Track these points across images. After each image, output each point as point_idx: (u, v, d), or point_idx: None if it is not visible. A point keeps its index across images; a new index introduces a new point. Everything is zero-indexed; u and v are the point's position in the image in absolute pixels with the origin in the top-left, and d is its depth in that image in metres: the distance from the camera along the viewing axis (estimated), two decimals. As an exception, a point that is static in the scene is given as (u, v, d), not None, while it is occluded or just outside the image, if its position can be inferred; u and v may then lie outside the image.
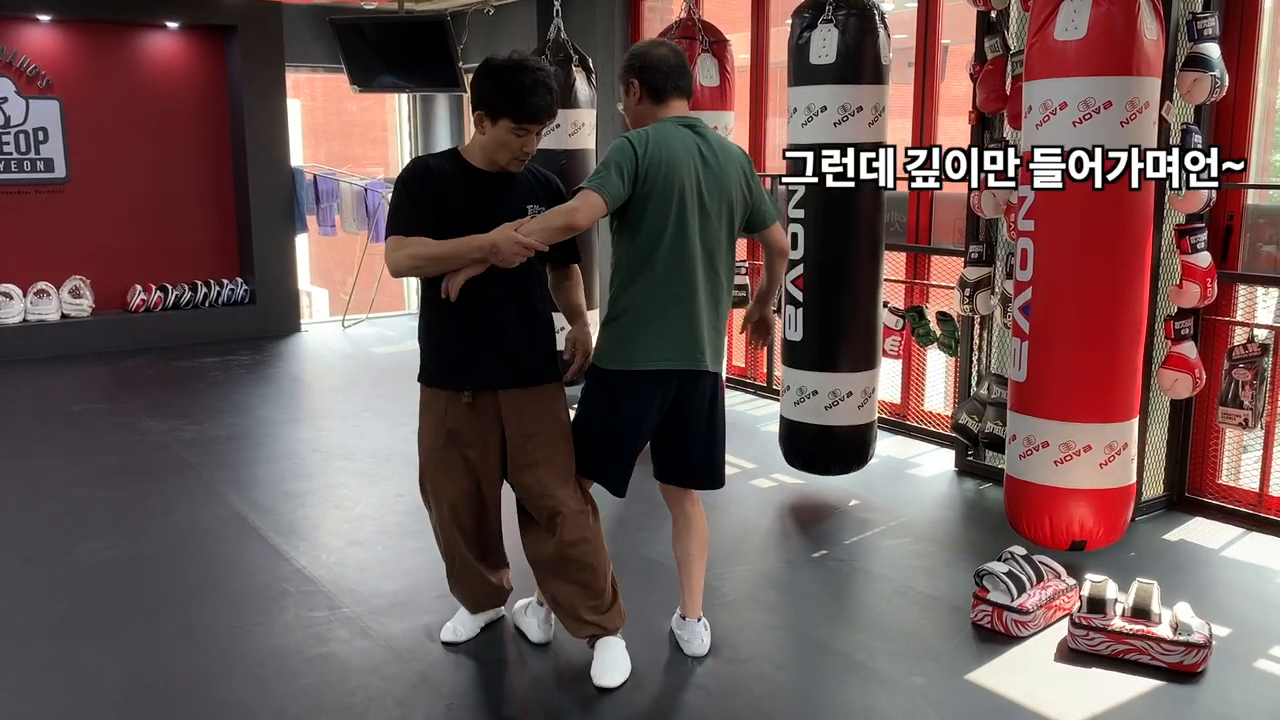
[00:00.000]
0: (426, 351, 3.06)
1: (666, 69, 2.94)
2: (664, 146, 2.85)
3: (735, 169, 2.98)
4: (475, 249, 2.80)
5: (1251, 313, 4.33)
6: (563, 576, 3.04)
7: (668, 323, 2.91)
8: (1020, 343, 3.76)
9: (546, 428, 3.02)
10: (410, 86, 9.10)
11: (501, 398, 3.00)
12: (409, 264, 2.89)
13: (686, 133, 2.92)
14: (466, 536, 3.16)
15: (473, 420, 3.01)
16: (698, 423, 3.07)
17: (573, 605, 3.05)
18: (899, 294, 5.61)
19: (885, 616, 3.58)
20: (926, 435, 5.56)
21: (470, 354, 2.97)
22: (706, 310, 2.96)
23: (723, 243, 2.98)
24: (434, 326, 3.02)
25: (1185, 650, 3.09)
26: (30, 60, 7.75)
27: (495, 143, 2.88)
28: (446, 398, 3.02)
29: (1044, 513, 3.72)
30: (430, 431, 3.09)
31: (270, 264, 8.64)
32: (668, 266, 2.88)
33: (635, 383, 2.95)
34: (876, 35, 4.29)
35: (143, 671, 3.17)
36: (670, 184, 2.84)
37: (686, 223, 2.87)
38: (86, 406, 6.40)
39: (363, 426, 5.93)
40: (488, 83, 2.85)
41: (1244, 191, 4.29)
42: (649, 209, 2.84)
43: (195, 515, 4.49)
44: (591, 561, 3.01)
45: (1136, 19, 3.43)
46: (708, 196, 2.91)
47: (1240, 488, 4.41)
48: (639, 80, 2.96)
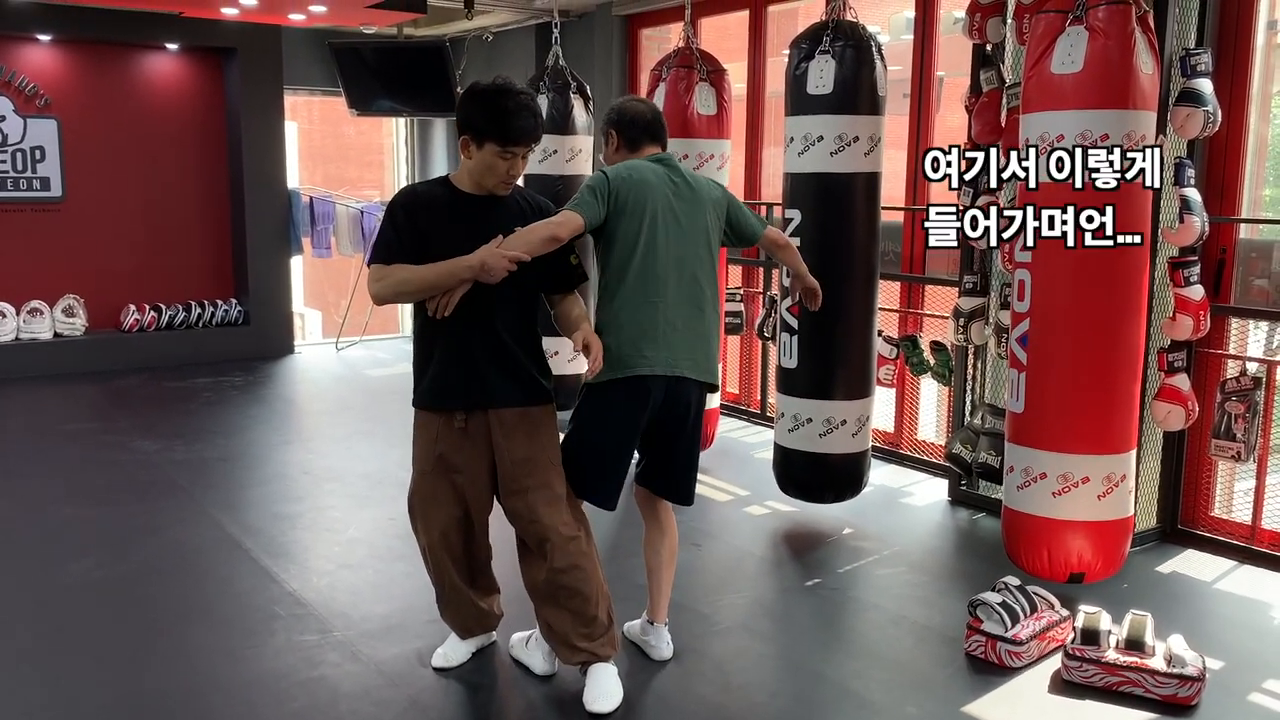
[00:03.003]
0: (419, 373, 3.07)
1: (642, 123, 3.21)
2: (635, 173, 3.08)
3: (706, 195, 3.18)
4: (463, 269, 2.83)
5: (1244, 346, 4.36)
6: (554, 603, 3.03)
7: (643, 330, 3.02)
8: (1018, 374, 3.77)
9: (537, 454, 3.02)
10: (408, 111, 9.14)
11: (493, 421, 2.99)
12: (393, 291, 2.94)
13: (657, 166, 3.15)
14: (455, 562, 3.16)
15: (463, 445, 3.01)
16: (680, 438, 3.15)
17: (564, 632, 3.04)
18: (893, 323, 5.63)
19: (879, 646, 3.57)
20: (920, 464, 5.57)
21: (462, 373, 2.97)
22: (683, 318, 3.06)
23: (702, 258, 3.13)
24: (427, 348, 3.03)
25: (1179, 683, 3.09)
26: (29, 79, 7.77)
27: (482, 166, 2.93)
28: (439, 422, 3.02)
29: (1042, 544, 3.72)
30: (421, 455, 3.10)
31: (265, 285, 8.63)
32: (641, 279, 3.03)
33: (619, 392, 3.02)
34: (873, 66, 4.33)
35: (131, 693, 3.14)
36: (641, 203, 3.03)
37: (657, 238, 3.04)
38: (78, 426, 6.37)
39: (354, 449, 5.91)
40: (472, 107, 2.91)
41: (1236, 226, 4.32)
42: (621, 225, 3.02)
43: (185, 536, 4.46)
44: (582, 588, 3.00)
45: (1133, 53, 3.46)
46: (681, 215, 3.09)
47: (1233, 520, 4.42)
48: (615, 131, 3.24)
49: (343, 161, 15.64)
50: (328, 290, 14.96)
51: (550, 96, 5.79)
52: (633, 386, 3.02)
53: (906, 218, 5.65)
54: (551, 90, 5.81)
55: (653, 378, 3.01)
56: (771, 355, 6.05)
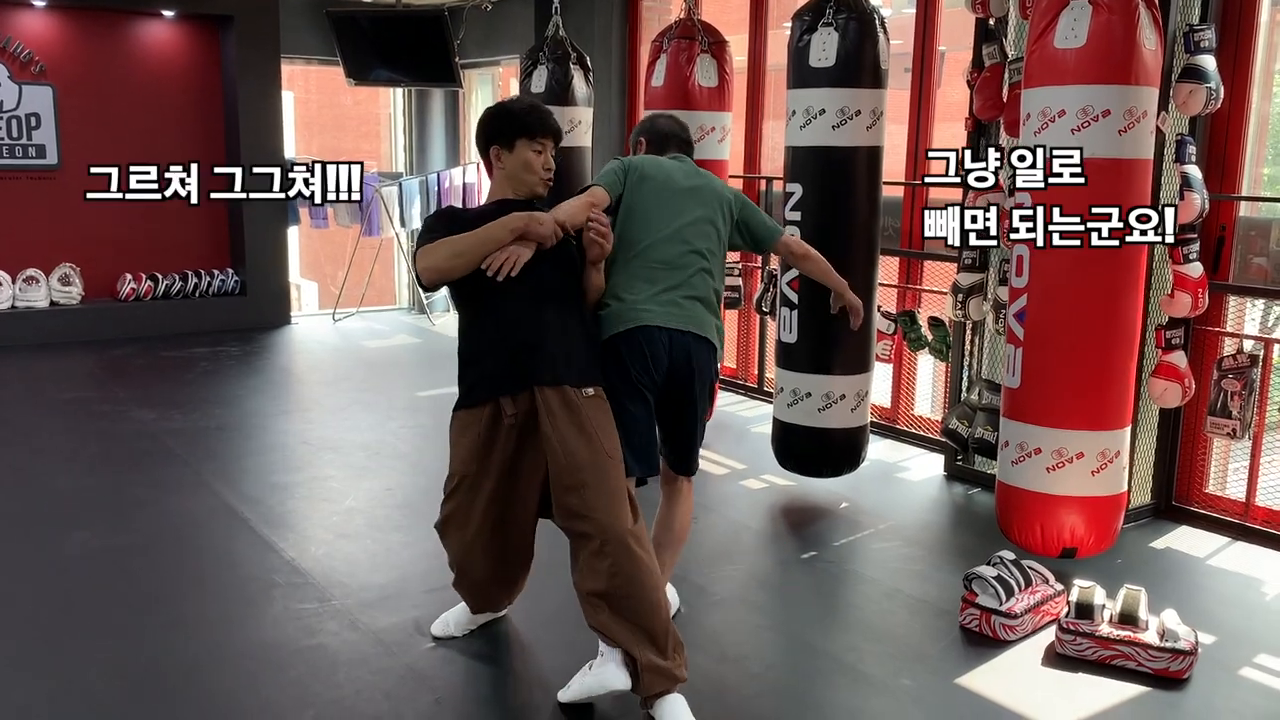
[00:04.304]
0: (466, 366, 2.97)
1: (670, 135, 3.42)
2: (651, 160, 3.28)
3: (718, 189, 3.30)
4: (514, 220, 2.85)
5: (1241, 324, 4.36)
6: (615, 613, 2.79)
7: (649, 295, 3.08)
8: (1015, 349, 3.78)
9: (590, 446, 2.85)
10: (406, 81, 9.09)
11: (542, 409, 2.86)
12: (448, 257, 2.82)
13: (675, 161, 3.33)
14: (485, 552, 3.07)
15: (510, 443, 2.91)
16: (686, 403, 3.17)
17: (629, 648, 2.78)
18: (891, 298, 5.63)
19: (874, 619, 3.59)
20: (916, 439, 5.58)
21: (510, 353, 2.89)
22: (684, 296, 3.11)
23: (709, 235, 3.20)
24: (473, 337, 2.97)
25: (1171, 657, 3.11)
26: (24, 46, 7.71)
27: (520, 165, 3.02)
28: (486, 419, 2.92)
29: (1035, 519, 3.74)
30: (464, 458, 2.97)
31: (261, 255, 8.60)
32: (651, 247, 3.12)
33: (626, 344, 3.05)
34: (876, 40, 4.31)
35: (129, 661, 3.16)
36: (654, 181, 3.19)
37: (665, 210, 3.16)
38: (74, 395, 6.37)
39: (352, 420, 5.92)
40: (492, 122, 3.05)
41: (1236, 204, 4.32)
42: (635, 200, 3.17)
43: (183, 506, 4.47)
44: (649, 595, 2.78)
45: (1136, 29, 3.45)
46: (689, 196, 3.20)
47: (1227, 497, 4.44)
48: (646, 140, 3.44)
49: (339, 132, 15.58)
50: (324, 261, 14.93)
51: (550, 68, 5.76)
52: (637, 337, 3.05)
53: (906, 193, 5.64)
54: (551, 61, 5.78)
55: (656, 328, 3.06)
56: (770, 330, 6.06)
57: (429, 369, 7.49)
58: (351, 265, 9.43)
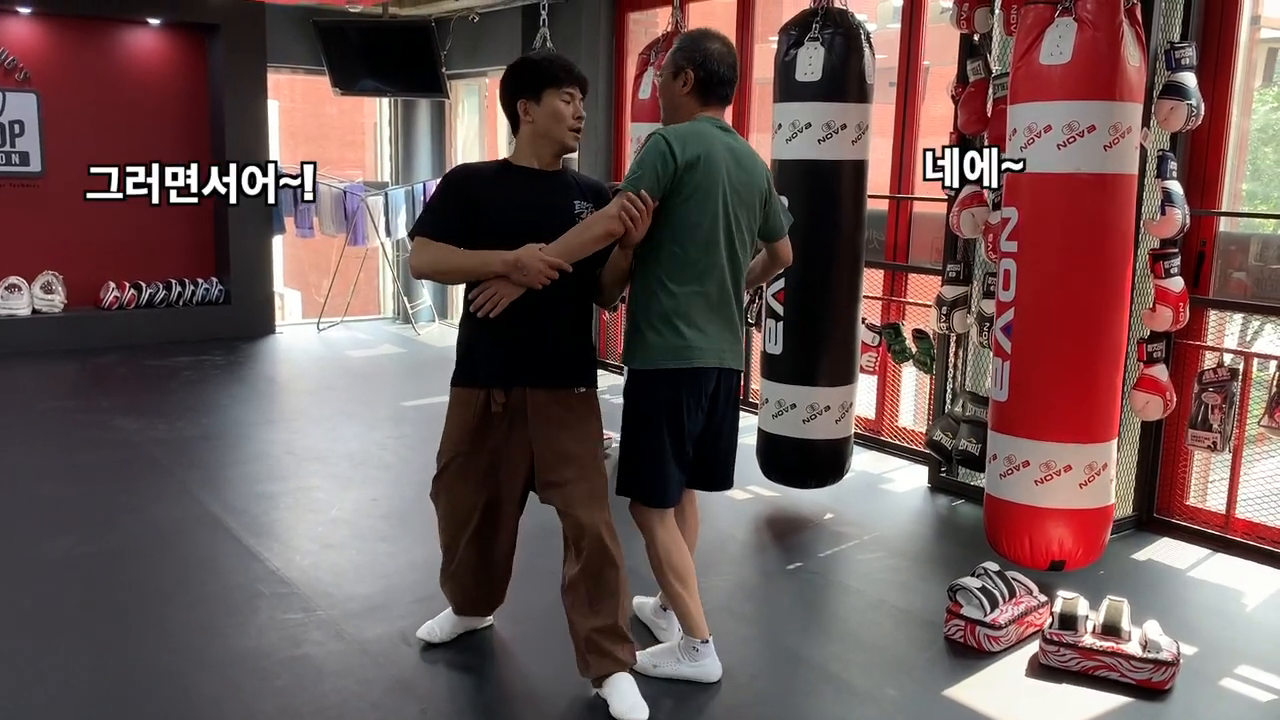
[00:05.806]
0: (464, 347, 3.01)
1: (724, 73, 2.95)
2: (701, 144, 2.83)
3: (760, 178, 3.01)
4: (498, 263, 2.79)
5: (1221, 338, 4.41)
6: (585, 605, 2.92)
7: (713, 319, 2.92)
8: (1002, 362, 3.81)
9: (577, 445, 2.94)
10: (392, 91, 9.10)
11: (531, 406, 2.93)
12: (430, 269, 2.92)
13: (721, 134, 2.92)
14: (473, 538, 3.10)
15: (500, 428, 2.96)
16: (728, 423, 3.09)
17: (589, 636, 2.91)
18: (876, 311, 5.67)
19: (859, 629, 3.61)
20: (900, 451, 5.61)
21: (505, 350, 2.92)
22: (725, 306, 2.96)
23: (747, 244, 3.00)
24: (471, 324, 2.97)
25: (1154, 668, 3.14)
26: (8, 53, 7.68)
27: (550, 117, 2.90)
28: (479, 401, 2.96)
29: (1024, 532, 3.76)
30: (456, 434, 3.03)
31: (246, 264, 8.57)
32: (696, 268, 2.87)
33: (688, 381, 2.91)
34: (862, 54, 4.34)
35: (112, 670, 3.14)
36: (711, 181, 2.84)
37: (718, 226, 2.88)
38: (57, 404, 6.33)
39: (337, 430, 5.90)
40: (516, 77, 2.95)
41: (1216, 219, 4.37)
42: (682, 209, 2.84)
43: (167, 514, 4.45)
44: (616, 591, 2.90)
45: (1120, 45, 3.49)
46: (736, 199, 2.92)
47: (1208, 509, 4.48)
48: (694, 71, 2.92)
49: (324, 141, 15.53)
50: (309, 270, 14.88)
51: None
52: (700, 380, 2.92)
53: (891, 206, 5.68)
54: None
55: (716, 369, 2.93)
56: (755, 341, 6.07)
57: (414, 379, 7.48)
58: (336, 274, 9.41)
